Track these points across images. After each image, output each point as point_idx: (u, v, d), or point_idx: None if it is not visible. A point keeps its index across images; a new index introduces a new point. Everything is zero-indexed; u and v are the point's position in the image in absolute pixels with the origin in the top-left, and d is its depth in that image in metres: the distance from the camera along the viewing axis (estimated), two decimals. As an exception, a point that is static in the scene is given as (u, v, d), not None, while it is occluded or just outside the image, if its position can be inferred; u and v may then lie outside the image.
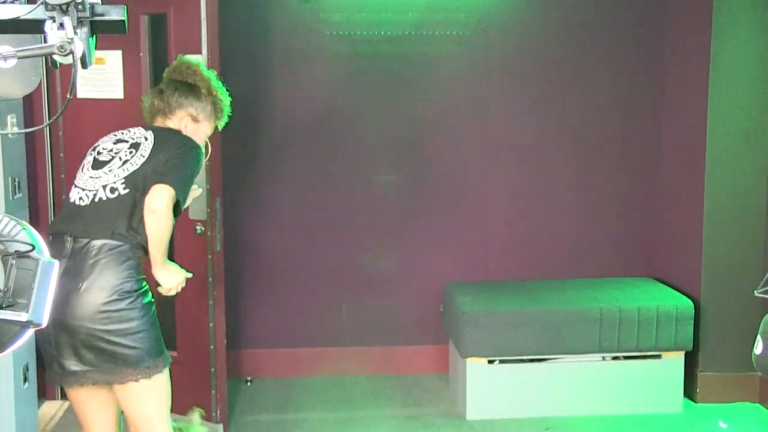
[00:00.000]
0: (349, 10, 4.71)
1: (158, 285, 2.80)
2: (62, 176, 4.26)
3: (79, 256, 2.65)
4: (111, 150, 2.83)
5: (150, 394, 2.72)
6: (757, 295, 1.97)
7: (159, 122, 2.95)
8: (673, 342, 4.31)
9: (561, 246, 4.95)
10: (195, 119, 2.94)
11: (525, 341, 4.28)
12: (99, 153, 2.84)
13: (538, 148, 4.91)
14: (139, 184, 2.71)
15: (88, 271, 2.62)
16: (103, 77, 4.09)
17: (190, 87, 2.94)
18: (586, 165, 4.92)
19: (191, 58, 3.06)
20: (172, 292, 2.83)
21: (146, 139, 2.82)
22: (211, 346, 3.94)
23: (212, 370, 3.97)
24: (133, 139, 2.83)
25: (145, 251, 2.72)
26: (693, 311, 4.33)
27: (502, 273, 4.93)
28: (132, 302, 2.64)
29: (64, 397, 4.39)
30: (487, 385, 4.30)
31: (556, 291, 4.57)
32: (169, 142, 2.81)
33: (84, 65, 1.40)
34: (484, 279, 4.88)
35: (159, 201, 2.65)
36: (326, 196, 4.83)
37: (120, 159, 2.77)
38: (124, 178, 2.73)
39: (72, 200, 2.78)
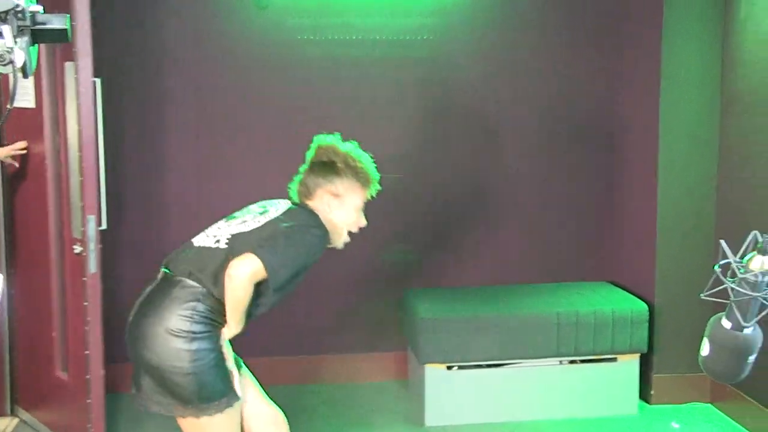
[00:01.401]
0: (317, 14, 4.73)
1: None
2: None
3: (161, 286, 2.75)
4: (248, 210, 2.93)
5: (198, 430, 2.73)
6: (703, 297, 2.00)
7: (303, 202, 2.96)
8: (629, 345, 4.36)
9: (518, 251, 4.99)
10: (336, 195, 2.92)
11: (483, 347, 4.30)
12: (240, 210, 2.95)
13: (494, 153, 4.95)
14: (237, 244, 2.73)
15: (158, 301, 2.70)
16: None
17: (325, 165, 2.93)
18: (541, 171, 4.97)
19: (325, 137, 3.02)
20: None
21: (277, 210, 2.87)
22: (87, 376, 3.60)
23: (88, 401, 3.62)
24: (269, 207, 2.90)
25: (221, 305, 2.71)
26: (648, 314, 4.38)
27: (460, 279, 4.95)
28: (184, 343, 2.65)
29: (14, 413, 4.34)
30: (446, 391, 4.32)
31: (514, 296, 4.60)
32: (290, 218, 2.81)
33: (25, 75, 1.39)
34: (442, 285, 4.90)
35: (239, 269, 2.63)
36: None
37: (243, 220, 2.84)
38: (232, 234, 2.78)
39: (192, 239, 2.88)
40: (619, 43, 4.87)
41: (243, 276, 2.62)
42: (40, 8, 1.42)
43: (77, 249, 3.63)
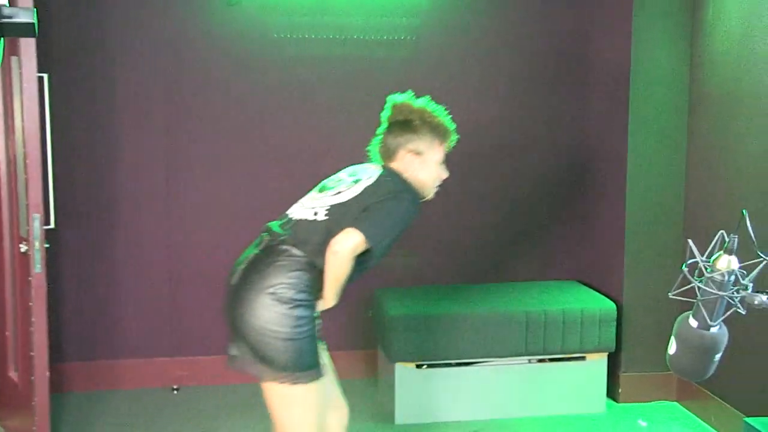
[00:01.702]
0: (291, 13, 4.72)
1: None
2: None
3: (265, 252, 2.79)
4: (340, 179, 2.94)
5: (287, 402, 2.77)
6: (671, 296, 2.01)
7: (388, 165, 2.97)
8: (597, 344, 4.40)
9: (488, 250, 5.01)
10: (417, 153, 2.94)
11: (453, 345, 4.31)
12: (331, 179, 2.97)
13: (465, 153, 4.95)
14: (337, 216, 2.78)
15: (263, 267, 2.75)
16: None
17: (403, 124, 2.95)
18: (512, 170, 4.99)
19: (398, 96, 3.03)
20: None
21: (369, 178, 2.88)
22: (32, 377, 3.57)
23: (33, 402, 3.59)
24: (361, 175, 2.91)
25: (321, 276, 2.76)
26: (616, 314, 4.42)
27: (430, 278, 4.96)
28: (288, 309, 2.70)
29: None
30: (416, 389, 4.33)
31: (483, 295, 4.62)
32: (382, 187, 2.83)
33: (-9, 68, 1.37)
34: (413, 284, 4.91)
35: (343, 244, 2.69)
36: (250, 199, 4.79)
37: (338, 190, 2.87)
38: (330, 206, 2.82)
39: (287, 211, 2.92)
40: (589, 43, 4.90)
41: (347, 251, 2.69)
42: (5, 1, 1.40)
43: (23, 248, 3.58)
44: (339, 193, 2.86)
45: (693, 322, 1.98)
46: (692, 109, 4.42)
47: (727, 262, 1.90)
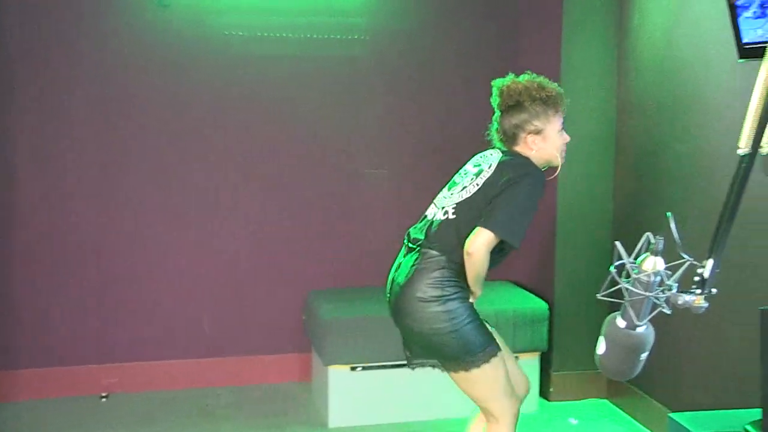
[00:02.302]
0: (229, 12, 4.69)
1: None
2: None
3: (408, 259, 2.94)
4: (465, 172, 3.00)
5: (473, 383, 2.89)
6: (599, 297, 2.06)
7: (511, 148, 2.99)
8: (529, 344, 4.45)
9: (421, 252, 5.03)
10: (537, 132, 2.96)
11: (387, 347, 4.31)
12: (459, 174, 3.03)
13: (397, 154, 4.98)
14: (464, 213, 2.87)
15: (410, 273, 2.88)
16: None
17: (515, 108, 2.95)
18: (444, 172, 5.02)
19: (501, 80, 3.02)
20: None
21: (490, 167, 2.91)
22: None
23: None
24: (483, 164, 2.95)
25: (463, 267, 2.84)
26: (548, 314, 4.48)
27: (364, 280, 4.96)
28: (438, 306, 2.81)
29: None
30: (350, 392, 4.32)
31: (417, 297, 4.63)
32: (503, 175, 2.85)
33: None
34: (346, 286, 4.91)
35: (476, 245, 2.76)
36: (187, 201, 4.74)
37: (463, 185, 2.94)
38: (456, 203, 2.91)
39: (425, 213, 3.04)
40: (519, 45, 4.97)
41: (481, 251, 2.77)
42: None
43: None
44: (464, 188, 2.93)
45: (621, 323, 2.02)
46: (620, 114, 4.52)
47: (653, 264, 1.95)
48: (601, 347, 2.09)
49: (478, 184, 2.89)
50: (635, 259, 1.98)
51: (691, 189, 3.83)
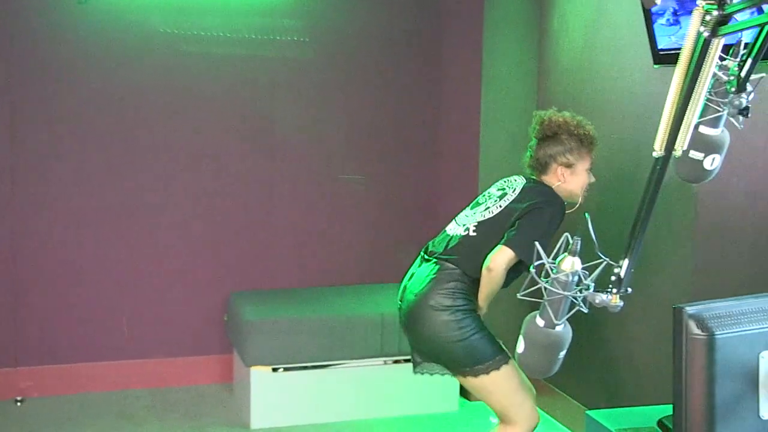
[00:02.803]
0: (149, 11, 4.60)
1: None
2: None
3: (423, 270, 3.11)
4: (489, 195, 3.18)
5: (486, 391, 3.04)
6: (519, 297, 2.09)
7: (537, 177, 3.18)
8: (451, 343, 4.49)
9: (343, 252, 5.04)
10: (568, 165, 3.13)
11: (309, 348, 4.31)
12: (482, 194, 3.21)
13: (322, 155, 4.98)
14: (485, 232, 3.04)
15: (425, 282, 3.04)
16: None
17: (551, 139, 3.14)
18: (368, 172, 5.04)
19: (544, 111, 3.22)
20: None
21: (514, 191, 3.10)
22: None
23: None
24: (507, 189, 3.13)
25: (475, 283, 3.02)
26: (468, 313, 4.53)
27: (285, 281, 4.94)
28: (448, 315, 2.98)
29: None
30: (272, 393, 4.30)
31: (339, 297, 4.64)
32: (526, 200, 3.04)
33: None
34: (268, 287, 4.88)
35: (497, 262, 2.92)
36: (102, 202, 4.65)
37: (487, 206, 3.11)
38: (478, 222, 3.08)
39: (445, 228, 3.19)
40: (440, 47, 5.02)
41: (500, 268, 2.93)
42: None
43: None
44: (487, 209, 3.10)
45: (539, 321, 2.06)
46: (539, 116, 4.59)
47: (571, 264, 1.99)
48: (520, 346, 2.12)
49: (500, 206, 3.07)
50: (554, 259, 2.02)
51: (608, 190, 3.92)
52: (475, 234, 3.07)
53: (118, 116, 4.64)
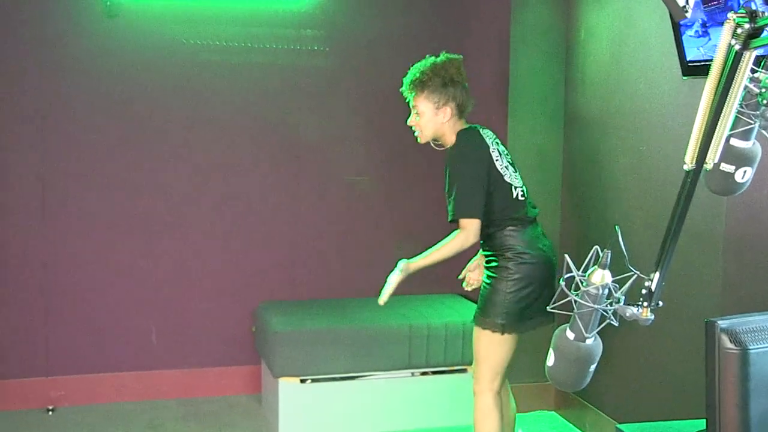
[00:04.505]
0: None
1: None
2: None
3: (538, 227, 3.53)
4: (502, 153, 3.51)
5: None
6: (549, 310, 2.08)
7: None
8: (478, 355, 4.48)
9: (370, 264, 5.04)
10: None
11: (337, 359, 4.32)
12: (495, 149, 3.49)
13: (346, 164, 4.99)
14: None
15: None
16: None
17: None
18: (390, 185, 5.05)
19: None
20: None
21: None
22: None
23: None
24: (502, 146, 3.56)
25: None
26: (496, 325, 4.52)
27: (313, 292, 4.96)
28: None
29: None
30: (300, 404, 4.31)
31: (367, 309, 4.64)
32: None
33: None
34: (296, 298, 4.90)
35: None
36: (131, 211, 4.69)
37: (514, 168, 3.51)
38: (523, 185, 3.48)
39: (513, 186, 3.45)
40: (468, 58, 5.01)
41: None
42: None
43: None
44: (516, 172, 3.54)
45: (570, 334, 2.05)
46: (567, 127, 4.59)
47: (601, 277, 1.98)
48: (550, 359, 2.11)
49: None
50: (584, 272, 2.01)
51: (637, 203, 3.91)
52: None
53: (146, 128, 4.69)
